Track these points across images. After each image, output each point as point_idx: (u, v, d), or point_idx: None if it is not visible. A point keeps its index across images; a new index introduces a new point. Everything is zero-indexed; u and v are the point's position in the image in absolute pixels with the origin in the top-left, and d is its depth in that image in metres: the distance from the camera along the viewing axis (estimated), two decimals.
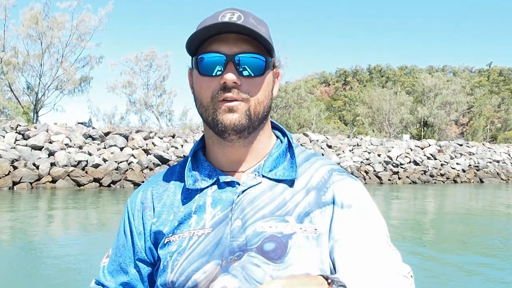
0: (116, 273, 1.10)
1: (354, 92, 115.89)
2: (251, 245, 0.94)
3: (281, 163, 1.06)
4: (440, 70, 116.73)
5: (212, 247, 0.96)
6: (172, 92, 41.07)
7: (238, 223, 0.97)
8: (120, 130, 24.25)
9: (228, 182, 1.03)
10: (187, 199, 1.05)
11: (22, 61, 34.15)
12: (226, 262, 0.94)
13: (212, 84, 0.98)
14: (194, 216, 1.01)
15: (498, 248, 8.56)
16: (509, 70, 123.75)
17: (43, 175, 18.92)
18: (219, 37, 0.97)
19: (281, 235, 0.94)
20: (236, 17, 0.96)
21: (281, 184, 1.02)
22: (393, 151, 30.56)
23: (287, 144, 1.10)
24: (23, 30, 33.39)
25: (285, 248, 0.93)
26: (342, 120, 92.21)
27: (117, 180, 20.20)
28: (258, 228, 0.96)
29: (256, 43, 0.98)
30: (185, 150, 23.38)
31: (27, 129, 21.52)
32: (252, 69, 0.98)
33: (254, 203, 0.99)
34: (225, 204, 1.01)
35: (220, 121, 0.97)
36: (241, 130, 0.99)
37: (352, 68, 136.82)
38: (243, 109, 0.97)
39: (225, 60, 0.96)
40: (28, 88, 35.53)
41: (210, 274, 0.94)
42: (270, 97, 1.05)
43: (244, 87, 0.97)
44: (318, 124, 50.22)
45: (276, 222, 0.96)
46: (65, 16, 34.86)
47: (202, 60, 0.98)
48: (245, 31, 0.95)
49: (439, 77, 66.15)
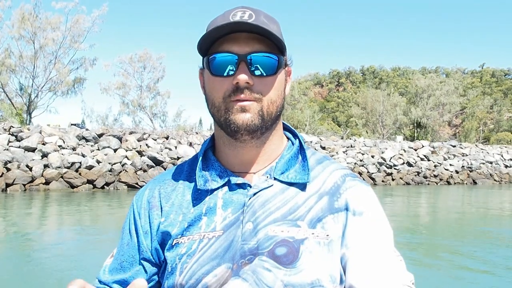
0: (116, 271, 1.07)
1: (347, 93, 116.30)
2: (263, 249, 0.93)
3: (293, 165, 1.04)
4: (433, 71, 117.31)
5: (223, 250, 0.95)
6: (166, 94, 40.94)
7: (249, 226, 0.96)
8: (113, 131, 24.17)
9: (239, 184, 1.01)
10: (197, 200, 1.03)
11: (15, 63, 33.91)
12: (237, 266, 0.93)
13: (224, 85, 0.97)
14: (204, 218, 1.00)
15: (491, 252, 8.57)
16: (501, 71, 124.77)
17: (36, 177, 18.80)
18: (230, 37, 0.96)
19: (293, 240, 0.93)
20: (247, 15, 0.95)
21: (293, 187, 1.01)
22: (387, 153, 30.65)
23: (298, 146, 1.09)
24: (16, 31, 33.18)
25: (296, 253, 0.92)
26: (336, 121, 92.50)
27: (110, 181, 20.11)
28: (270, 232, 0.95)
29: (268, 42, 0.97)
30: (179, 152, 23.34)
31: (20, 131, 21.37)
32: (265, 68, 0.97)
33: (266, 206, 0.98)
34: (236, 206, 0.99)
35: (233, 121, 0.96)
36: (254, 130, 0.97)
37: (345, 69, 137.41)
38: (256, 109, 0.96)
39: (237, 60, 0.95)
40: (21, 90, 35.32)
41: (221, 278, 0.93)
42: (283, 96, 1.03)
43: (257, 87, 0.96)
44: (312, 126, 50.26)
45: (288, 227, 0.95)
46: (59, 17, 34.68)
47: (214, 60, 0.97)
48: (256, 30, 0.94)
49: (432, 78, 66.48)
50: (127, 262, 1.06)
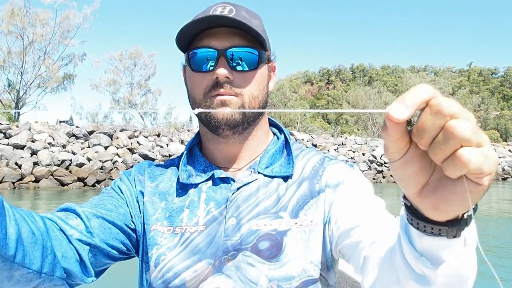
0: (91, 207, 0.97)
1: (337, 91, 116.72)
2: (246, 244, 0.91)
3: (278, 160, 1.03)
4: (421, 70, 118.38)
5: (204, 245, 0.93)
6: (157, 91, 40.73)
7: (232, 222, 0.94)
8: (104, 128, 23.95)
9: (223, 179, 1.00)
10: (181, 190, 1.02)
11: (3, 58, 33.43)
12: (220, 262, 0.91)
13: (204, 80, 0.96)
14: (186, 211, 0.98)
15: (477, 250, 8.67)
16: (488, 70, 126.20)
17: (25, 175, 18.56)
18: (210, 32, 0.96)
19: (276, 232, 0.92)
20: (228, 10, 0.94)
21: (276, 179, 1.00)
22: (377, 150, 30.84)
23: (283, 141, 1.08)
24: (5, 26, 32.71)
25: (280, 246, 0.90)
26: (326, 119, 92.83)
27: (101, 179, 19.94)
28: (253, 227, 0.93)
29: (249, 37, 0.96)
30: (170, 149, 23.23)
31: (9, 128, 21.09)
32: (245, 63, 0.96)
33: (249, 200, 0.97)
34: (219, 201, 0.98)
35: (213, 116, 0.96)
36: (235, 125, 0.96)
37: (335, 67, 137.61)
38: (237, 104, 0.95)
39: (216, 55, 0.94)
40: (9, 86, 34.85)
41: (201, 274, 0.91)
42: (266, 92, 1.02)
43: (237, 81, 0.95)
44: (303, 123, 50.45)
45: (271, 220, 0.93)
46: (48, 13, 34.28)
47: (194, 55, 0.97)
48: (236, 25, 0.93)
49: (423, 77, 67.27)
50: (104, 205, 0.98)
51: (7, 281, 0.76)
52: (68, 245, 0.87)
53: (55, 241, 0.85)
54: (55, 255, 0.83)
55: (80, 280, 0.90)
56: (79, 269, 0.88)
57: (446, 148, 0.44)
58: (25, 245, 0.76)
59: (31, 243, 0.77)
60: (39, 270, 0.79)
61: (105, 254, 0.94)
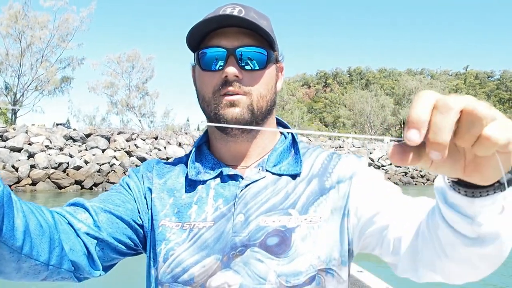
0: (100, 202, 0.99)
1: (334, 94, 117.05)
2: (254, 240, 0.92)
3: (286, 158, 1.04)
4: (418, 73, 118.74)
5: (213, 241, 0.94)
6: (154, 94, 40.69)
7: (240, 218, 0.95)
8: (101, 131, 23.90)
9: (232, 176, 1.01)
10: (189, 187, 1.03)
11: (1, 61, 33.35)
12: (228, 258, 0.92)
13: (213, 79, 0.97)
14: (194, 207, 0.99)
15: None
16: (485, 73, 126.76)
17: (22, 178, 18.51)
18: (220, 31, 0.97)
19: (285, 229, 0.93)
20: (237, 11, 0.96)
21: (284, 177, 1.01)
22: (375, 153, 30.93)
23: (291, 140, 1.09)
24: (4, 29, 32.65)
25: (289, 242, 0.91)
26: (323, 122, 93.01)
27: (99, 182, 19.89)
28: (261, 223, 0.94)
29: (258, 37, 0.98)
30: (168, 152, 23.21)
31: (6, 131, 21.04)
32: (254, 62, 0.97)
33: (258, 197, 0.97)
34: (228, 198, 0.98)
35: (222, 116, 0.96)
36: (243, 125, 0.97)
37: (332, 70, 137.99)
38: (245, 103, 0.96)
39: (226, 54, 0.95)
40: (6, 89, 34.74)
41: (209, 269, 0.91)
42: (274, 91, 1.04)
43: (246, 80, 0.97)
44: (301, 126, 50.60)
45: (279, 216, 0.94)
46: (46, 16, 34.25)
47: (204, 55, 0.98)
48: (245, 24, 0.95)
49: (420, 80, 67.44)
50: (112, 200, 1.00)
51: (15, 273, 0.78)
52: (76, 238, 0.89)
53: (63, 234, 0.86)
54: (63, 248, 0.85)
55: (87, 274, 0.91)
56: (86, 263, 0.90)
57: (473, 134, 0.48)
58: (32, 237, 0.77)
59: (38, 235, 0.79)
60: (47, 262, 0.81)
61: (113, 249, 0.96)
